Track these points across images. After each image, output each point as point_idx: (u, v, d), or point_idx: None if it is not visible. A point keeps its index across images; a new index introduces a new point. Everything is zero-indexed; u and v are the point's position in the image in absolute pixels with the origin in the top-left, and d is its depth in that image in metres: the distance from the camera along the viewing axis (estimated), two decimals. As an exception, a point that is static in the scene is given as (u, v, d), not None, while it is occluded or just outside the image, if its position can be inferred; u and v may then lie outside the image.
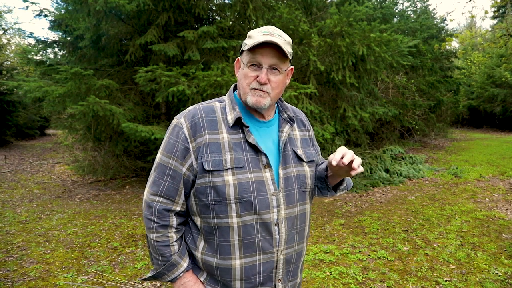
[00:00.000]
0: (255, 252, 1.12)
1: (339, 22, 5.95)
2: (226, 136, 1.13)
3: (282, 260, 1.17)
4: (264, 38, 1.08)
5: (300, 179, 1.22)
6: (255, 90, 1.14)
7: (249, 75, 1.14)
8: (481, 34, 11.39)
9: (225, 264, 1.12)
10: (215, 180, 1.09)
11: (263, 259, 1.13)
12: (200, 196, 1.12)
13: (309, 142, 1.34)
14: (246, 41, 1.14)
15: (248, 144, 1.14)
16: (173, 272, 1.16)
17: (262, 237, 1.12)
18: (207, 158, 1.10)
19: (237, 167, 1.10)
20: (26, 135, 15.98)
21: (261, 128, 1.21)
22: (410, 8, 14.58)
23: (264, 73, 1.12)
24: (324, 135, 5.85)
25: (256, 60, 1.12)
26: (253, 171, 1.12)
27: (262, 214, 1.11)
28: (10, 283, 3.04)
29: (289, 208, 1.17)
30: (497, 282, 2.96)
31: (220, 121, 1.16)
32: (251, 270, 1.13)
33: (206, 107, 1.19)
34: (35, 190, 6.76)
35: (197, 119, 1.14)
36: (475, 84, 18.52)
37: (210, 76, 5.04)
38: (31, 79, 6.49)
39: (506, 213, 4.80)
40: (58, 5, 8.10)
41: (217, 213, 1.11)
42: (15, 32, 20.88)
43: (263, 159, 1.15)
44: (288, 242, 1.17)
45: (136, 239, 4.08)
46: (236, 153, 1.12)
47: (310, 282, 3.03)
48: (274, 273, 1.17)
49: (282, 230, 1.15)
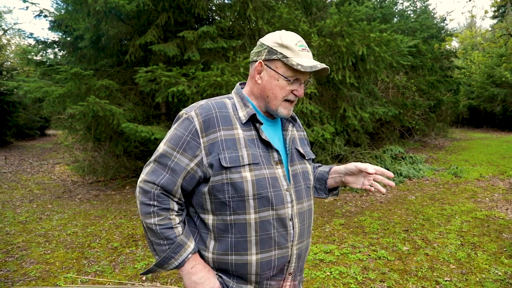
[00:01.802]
0: (271, 248, 1.13)
1: (339, 22, 5.95)
2: (240, 132, 1.13)
3: (295, 254, 1.19)
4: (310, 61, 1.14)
5: (305, 175, 1.25)
6: (289, 103, 1.19)
7: (287, 88, 1.16)
8: (481, 34, 11.39)
9: (241, 260, 1.12)
10: (232, 177, 1.08)
11: (279, 254, 1.15)
12: (216, 193, 1.11)
13: (305, 141, 1.39)
14: (283, 52, 1.13)
15: (260, 140, 1.16)
16: (181, 254, 1.10)
17: (278, 233, 1.13)
18: (224, 154, 1.08)
19: (254, 163, 1.11)
20: (26, 136, 16.00)
21: (269, 126, 1.24)
22: (410, 8, 14.57)
23: (303, 88, 1.18)
24: (324, 135, 5.85)
25: (297, 77, 1.16)
26: (267, 167, 1.13)
27: (278, 210, 1.13)
28: (10, 283, 3.04)
29: (300, 203, 1.20)
30: (497, 282, 2.96)
31: (233, 117, 1.15)
32: (266, 265, 1.14)
33: (218, 102, 1.17)
34: (35, 191, 6.76)
35: (211, 114, 1.12)
36: (475, 83, 18.52)
37: (210, 76, 5.04)
38: (31, 79, 6.49)
39: (506, 213, 4.79)
40: (58, 5, 8.11)
41: (234, 210, 1.10)
42: (15, 33, 20.91)
43: (274, 155, 1.16)
44: (300, 237, 1.20)
45: (136, 239, 4.08)
46: (251, 149, 1.12)
47: (310, 282, 3.03)
48: (287, 267, 1.18)
49: (296, 225, 1.17)
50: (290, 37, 1.15)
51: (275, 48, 1.14)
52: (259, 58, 1.17)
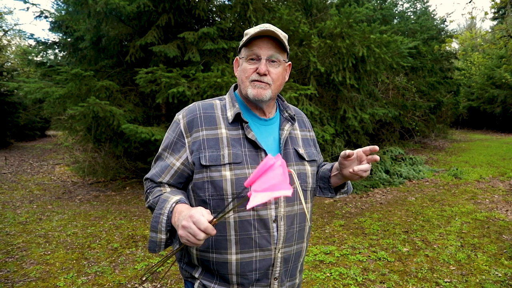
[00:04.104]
0: (251, 249, 1.11)
1: (339, 23, 5.95)
2: (224, 132, 1.14)
3: (280, 258, 1.15)
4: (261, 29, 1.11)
5: (301, 177, 1.21)
6: (255, 82, 1.15)
7: (248, 68, 1.15)
8: (481, 35, 11.39)
9: (221, 258, 1.12)
10: (212, 175, 1.10)
11: (260, 256, 1.12)
12: (198, 191, 1.13)
13: (311, 142, 1.34)
14: (244, 38, 1.16)
15: (247, 140, 1.15)
16: (165, 206, 1.05)
17: (260, 234, 1.11)
18: (204, 153, 1.11)
19: (235, 162, 1.10)
20: (27, 136, 15.98)
21: (262, 125, 1.22)
22: (410, 9, 14.60)
23: (264, 64, 1.13)
24: (324, 136, 5.85)
25: (254, 53, 1.14)
26: (251, 167, 1.11)
27: (259, 210, 1.10)
28: (10, 284, 3.04)
29: (289, 206, 1.16)
30: (497, 283, 2.96)
31: (219, 117, 1.17)
32: (247, 266, 1.12)
33: (205, 104, 1.21)
34: (36, 191, 6.76)
35: (195, 115, 1.16)
36: (475, 85, 18.54)
37: (210, 77, 5.04)
38: (32, 80, 6.49)
39: (506, 214, 4.79)
40: (59, 6, 8.11)
41: (214, 208, 1.11)
42: (16, 34, 20.92)
43: (262, 155, 1.14)
44: (287, 241, 1.16)
45: (136, 240, 4.08)
46: (234, 149, 1.12)
47: (310, 283, 3.02)
48: (271, 271, 1.15)
49: (281, 228, 1.13)
50: (254, 27, 1.17)
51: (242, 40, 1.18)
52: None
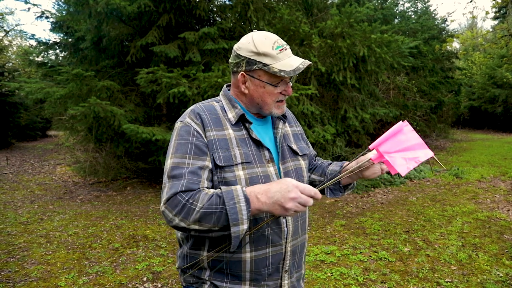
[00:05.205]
0: (265, 245, 1.14)
1: (340, 23, 5.95)
2: (231, 132, 1.15)
3: (289, 252, 1.19)
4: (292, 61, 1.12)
5: (298, 172, 1.26)
6: (280, 103, 1.20)
7: (275, 92, 1.16)
8: (482, 35, 11.39)
9: (235, 258, 1.13)
10: (226, 176, 1.09)
11: (273, 252, 1.15)
12: None
13: (300, 137, 1.38)
14: (262, 60, 1.10)
15: (251, 140, 1.17)
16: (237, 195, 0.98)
17: (272, 230, 1.14)
18: (218, 154, 1.10)
19: (247, 161, 1.12)
20: (28, 137, 16.02)
21: (259, 125, 1.24)
22: (411, 9, 14.57)
23: (290, 86, 1.19)
24: (325, 136, 5.85)
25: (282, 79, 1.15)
26: (260, 166, 1.14)
27: None
28: (11, 284, 3.05)
29: None
30: (498, 283, 2.95)
31: (222, 118, 1.17)
32: (261, 263, 1.14)
33: (206, 105, 1.20)
34: (37, 191, 6.78)
35: (203, 116, 1.14)
36: (476, 84, 18.50)
37: (211, 78, 5.04)
38: (33, 80, 6.50)
39: (508, 214, 4.78)
40: (60, 7, 8.13)
41: None
42: (17, 34, 20.99)
43: (266, 154, 1.18)
44: (294, 234, 1.21)
45: (137, 240, 4.08)
46: (244, 149, 1.14)
47: (311, 283, 3.02)
48: (282, 265, 1.19)
49: (289, 222, 1.18)
50: (264, 42, 1.11)
51: (253, 58, 1.11)
52: (240, 69, 1.15)
